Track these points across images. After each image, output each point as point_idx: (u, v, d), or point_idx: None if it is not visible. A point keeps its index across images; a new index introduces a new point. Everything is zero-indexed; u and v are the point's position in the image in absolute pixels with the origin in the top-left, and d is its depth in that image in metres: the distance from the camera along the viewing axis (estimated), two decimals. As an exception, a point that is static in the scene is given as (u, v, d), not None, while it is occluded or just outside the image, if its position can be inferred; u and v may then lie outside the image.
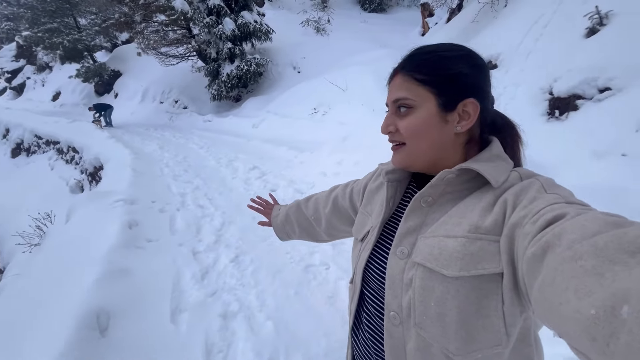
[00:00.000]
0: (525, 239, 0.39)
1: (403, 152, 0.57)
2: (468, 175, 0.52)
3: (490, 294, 0.44)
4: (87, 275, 2.02)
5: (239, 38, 10.34)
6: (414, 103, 0.54)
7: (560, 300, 0.29)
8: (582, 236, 0.31)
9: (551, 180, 0.48)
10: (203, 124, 10.27)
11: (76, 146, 8.80)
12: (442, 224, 0.51)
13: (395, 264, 0.54)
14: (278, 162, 5.27)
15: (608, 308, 0.24)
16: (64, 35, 14.85)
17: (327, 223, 0.87)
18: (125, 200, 3.35)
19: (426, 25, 10.54)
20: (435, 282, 0.47)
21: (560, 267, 0.31)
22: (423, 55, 0.55)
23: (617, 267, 0.26)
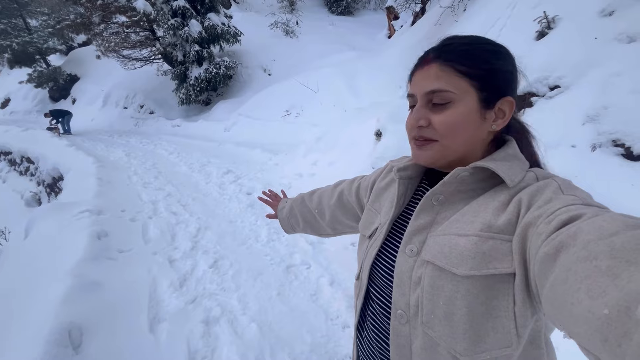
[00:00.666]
0: (538, 238, 0.39)
1: (433, 149, 0.52)
2: (482, 174, 0.50)
3: (501, 294, 0.43)
4: (55, 291, 1.90)
5: (207, 40, 10.11)
6: (454, 96, 0.50)
7: (572, 300, 0.29)
8: (599, 236, 0.31)
9: (569, 181, 0.47)
10: (172, 128, 9.92)
11: (31, 156, 8.18)
12: (454, 222, 0.50)
13: (404, 261, 0.53)
14: (252, 165, 5.21)
15: (622, 308, 0.24)
16: (12, 37, 13.75)
17: (332, 216, 0.86)
18: (91, 210, 3.18)
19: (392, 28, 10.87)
20: (445, 280, 0.46)
21: (573, 267, 0.30)
22: (463, 46, 0.52)
23: (632, 268, 0.26)
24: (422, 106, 0.52)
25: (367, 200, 0.72)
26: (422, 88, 0.52)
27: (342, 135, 4.18)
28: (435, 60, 0.52)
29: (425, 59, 0.54)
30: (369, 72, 6.96)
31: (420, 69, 0.53)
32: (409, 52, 5.84)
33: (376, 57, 7.51)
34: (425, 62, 0.53)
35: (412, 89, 0.55)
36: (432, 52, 0.53)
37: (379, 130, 3.28)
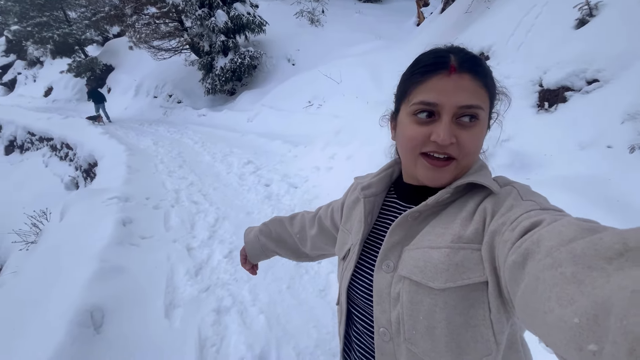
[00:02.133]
0: (505, 246, 0.40)
1: (450, 170, 0.50)
2: (459, 189, 0.51)
3: (476, 303, 0.44)
4: (82, 273, 2.05)
5: (232, 30, 10.21)
6: (483, 115, 0.49)
7: (544, 309, 0.29)
8: (560, 243, 0.32)
9: (527, 187, 0.49)
10: (197, 118, 10.21)
11: (70, 142, 8.74)
12: (426, 234, 0.50)
13: (382, 278, 0.53)
14: (272, 156, 5.27)
15: (591, 317, 0.24)
16: (54, 29, 14.58)
17: (313, 245, 0.83)
18: (119, 197, 3.36)
19: (421, 15, 10.43)
20: (423, 295, 0.47)
21: (541, 275, 0.31)
22: (482, 62, 0.51)
23: (595, 274, 0.27)
24: (451, 120, 0.48)
25: (340, 222, 0.71)
26: (456, 101, 0.47)
27: (362, 129, 4.11)
28: (468, 71, 0.48)
29: (446, 63, 0.48)
30: (394, 63, 6.75)
31: (445, 75, 0.47)
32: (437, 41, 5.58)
33: (402, 46, 7.26)
34: (453, 68, 0.47)
35: (435, 97, 0.48)
36: (457, 59, 0.48)
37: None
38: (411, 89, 0.51)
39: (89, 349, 1.52)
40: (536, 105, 3.00)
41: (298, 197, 3.57)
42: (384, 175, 0.62)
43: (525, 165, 2.46)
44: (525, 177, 2.36)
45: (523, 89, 3.18)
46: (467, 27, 4.88)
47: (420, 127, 0.49)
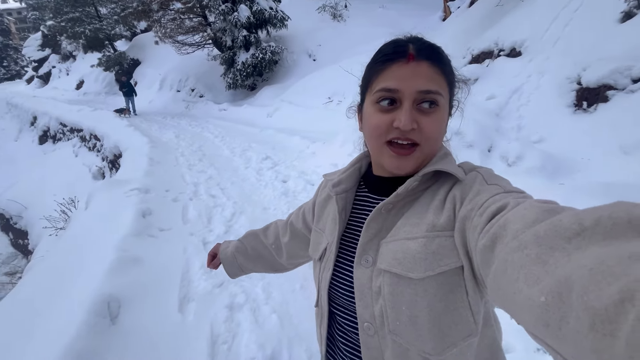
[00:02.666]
0: (474, 231, 0.41)
1: (415, 156, 0.51)
2: (427, 177, 0.53)
3: (455, 287, 0.46)
4: (102, 263, 2.09)
5: (254, 25, 10.25)
6: (442, 101, 0.50)
7: (513, 289, 0.30)
8: (524, 225, 0.33)
9: (490, 170, 0.51)
10: (219, 112, 10.34)
11: (98, 134, 9.08)
12: (401, 226, 0.51)
13: (362, 273, 0.53)
14: (290, 152, 5.25)
15: (555, 294, 0.25)
16: (86, 24, 15.17)
17: (288, 253, 0.82)
18: (140, 189, 3.43)
19: (448, 10, 10.08)
20: (404, 286, 0.48)
21: (509, 258, 0.32)
22: (440, 50, 0.51)
23: (557, 253, 0.28)
24: (412, 106, 0.49)
25: (313, 222, 0.70)
26: (414, 86, 0.48)
27: (382, 126, 4.01)
28: (424, 58, 0.49)
29: (405, 52, 0.49)
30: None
31: (404, 63, 0.49)
32: (463, 37, 5.37)
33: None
34: (412, 56, 0.49)
35: (395, 83, 0.49)
36: (415, 47, 0.49)
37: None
38: (373, 78, 0.53)
39: (104, 340, 1.54)
40: (573, 104, 2.80)
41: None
42: (353, 170, 0.62)
43: (559, 169, 2.30)
44: (559, 181, 2.20)
45: (558, 87, 2.98)
46: (497, 21, 4.64)
47: (383, 115, 0.50)
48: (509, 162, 2.46)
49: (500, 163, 2.52)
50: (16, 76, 31.35)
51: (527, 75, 3.34)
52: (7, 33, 32.45)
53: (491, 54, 4.30)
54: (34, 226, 8.58)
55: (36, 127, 13.71)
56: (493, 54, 4.26)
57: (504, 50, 4.06)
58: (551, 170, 2.28)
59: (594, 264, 0.23)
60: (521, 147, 2.47)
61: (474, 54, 4.65)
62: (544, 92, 3.06)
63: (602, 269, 0.23)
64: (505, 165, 2.49)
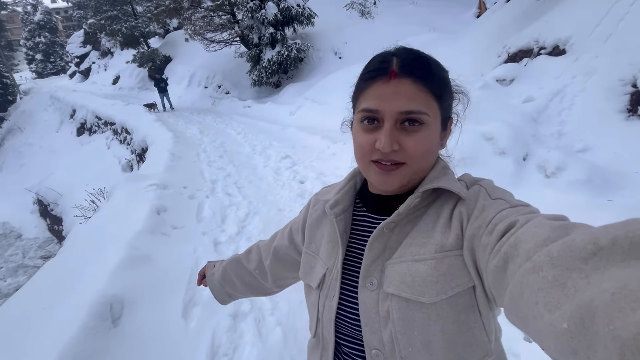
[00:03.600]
0: (485, 250, 0.40)
1: (401, 174, 0.49)
2: (427, 194, 0.50)
3: (467, 308, 0.45)
4: (112, 259, 2.08)
5: (281, 23, 10.22)
6: (427, 119, 0.47)
7: (533, 314, 0.29)
8: (536, 245, 0.32)
9: (491, 182, 0.50)
10: (243, 109, 10.44)
11: (128, 127, 9.44)
12: (407, 246, 0.49)
13: (367, 297, 0.50)
14: (310, 151, 5.14)
15: (578, 321, 0.24)
16: (122, 22, 15.86)
17: (273, 276, 0.77)
18: (158, 185, 3.45)
19: (483, 6, 9.60)
20: (415, 310, 0.45)
21: (524, 280, 0.31)
22: (428, 63, 0.48)
23: (574, 275, 0.27)
24: (393, 127, 0.47)
25: (302, 243, 0.66)
26: (395, 107, 0.46)
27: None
28: (407, 75, 0.46)
29: (388, 68, 0.47)
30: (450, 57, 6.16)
31: (385, 81, 0.47)
32: (498, 34, 5.01)
33: (460, 39, 6.67)
34: (394, 74, 0.46)
35: (375, 104, 0.47)
36: (398, 62, 0.47)
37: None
38: (358, 96, 0.51)
39: (103, 343, 1.50)
40: (626, 109, 2.47)
41: (332, 197, 3.39)
42: (349, 188, 0.60)
43: (608, 183, 2.02)
44: (607, 198, 1.93)
45: (608, 90, 2.65)
46: (538, 17, 4.27)
47: (367, 135, 0.49)
48: (547, 173, 2.20)
49: (536, 174, 2.26)
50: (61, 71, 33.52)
51: (572, 76, 3.01)
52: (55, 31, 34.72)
53: (530, 52, 3.96)
54: (67, 214, 9.06)
55: (75, 119, 14.53)
56: (532, 52, 3.92)
57: (545, 48, 3.72)
58: (599, 183, 2.00)
59: (616, 288, 0.22)
60: (563, 156, 2.19)
61: (511, 52, 4.31)
62: (591, 95, 2.74)
63: (624, 294, 0.21)
64: (542, 176, 2.23)
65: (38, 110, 18.45)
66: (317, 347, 0.60)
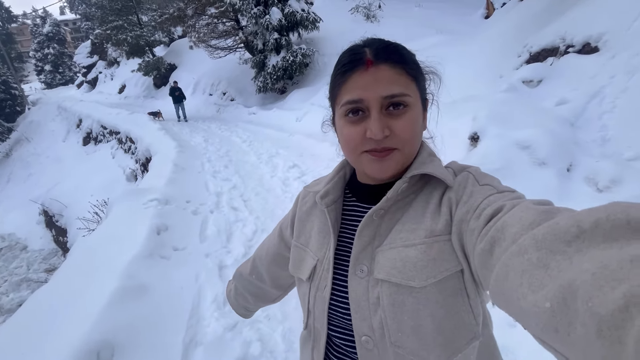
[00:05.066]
0: (472, 234, 0.41)
1: (394, 159, 0.48)
2: (414, 179, 0.50)
3: (455, 291, 0.45)
4: (104, 288, 1.84)
5: (286, 28, 10.08)
6: (411, 100, 0.48)
7: (517, 295, 0.30)
8: (522, 228, 0.33)
9: (478, 169, 0.50)
10: (248, 116, 10.27)
11: (133, 137, 9.32)
12: (397, 232, 0.49)
13: (357, 284, 0.51)
14: (319, 160, 4.90)
15: (560, 300, 0.25)
16: (128, 32, 15.92)
17: (270, 276, 0.76)
18: (159, 199, 3.23)
19: (491, 7, 9.36)
20: (405, 295, 0.46)
21: (510, 262, 0.32)
22: (398, 48, 0.50)
23: (558, 257, 0.27)
24: (381, 113, 0.47)
25: (292, 237, 0.65)
26: (377, 92, 0.47)
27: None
28: (383, 61, 0.47)
29: (362, 59, 0.47)
30: (459, 60, 5.94)
31: (363, 70, 0.47)
32: (515, 33, 4.74)
33: (469, 41, 6.41)
34: (368, 62, 0.47)
35: (358, 94, 0.47)
36: (372, 51, 0.48)
37: (476, 133, 2.57)
38: (337, 91, 0.52)
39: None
40: (681, 112, 2.19)
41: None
42: (338, 179, 0.59)
43: (675, 199, 1.74)
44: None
45: (657, 90, 2.36)
46: (561, 14, 3.99)
47: (354, 127, 0.49)
48: (600, 187, 1.92)
49: (586, 187, 1.98)
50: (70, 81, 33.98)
51: (610, 76, 2.73)
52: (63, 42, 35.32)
53: (556, 51, 3.68)
54: (72, 225, 8.93)
55: (81, 129, 14.54)
56: (558, 51, 3.64)
57: (573, 46, 3.44)
58: (665, 200, 1.73)
59: (596, 268, 0.23)
60: (616, 167, 1.91)
61: (533, 52, 4.03)
62: (635, 95, 2.45)
63: (604, 274, 0.22)
64: (593, 190, 1.94)
65: (45, 120, 18.57)
66: (308, 339, 0.60)
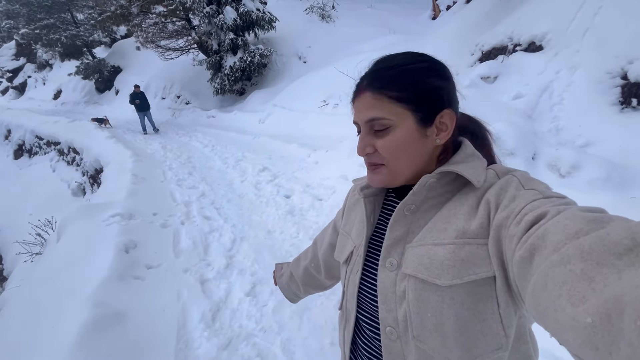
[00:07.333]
0: (511, 241, 0.39)
1: (382, 172, 0.53)
2: (448, 177, 0.50)
3: (485, 297, 0.44)
4: (70, 324, 1.62)
5: (241, 28, 9.79)
6: (391, 122, 0.50)
7: (555, 307, 0.28)
8: (566, 237, 0.31)
9: (527, 174, 0.48)
10: (207, 119, 9.83)
11: (76, 147, 8.45)
12: (428, 230, 0.50)
13: (386, 276, 0.52)
14: (289, 162, 4.82)
15: (604, 316, 0.23)
16: (61, 31, 14.41)
17: (326, 266, 0.80)
18: (122, 215, 2.94)
19: (437, 8, 9.91)
20: (430, 292, 0.46)
21: (550, 272, 0.30)
22: (389, 71, 0.51)
23: (605, 270, 0.26)
24: (366, 133, 0.52)
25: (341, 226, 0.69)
26: (362, 117, 0.52)
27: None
28: (367, 88, 0.51)
29: (360, 87, 0.53)
30: (417, 57, 6.23)
31: (358, 97, 0.53)
32: (468, 32, 5.06)
33: (422, 41, 6.73)
34: (360, 90, 0.53)
35: (355, 117, 0.54)
36: (365, 79, 0.53)
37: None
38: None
39: None
40: (619, 102, 2.48)
41: (325, 211, 3.10)
42: None
43: (626, 179, 1.95)
44: (629, 195, 1.85)
45: (597, 83, 2.66)
46: (507, 15, 4.33)
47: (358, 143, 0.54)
48: (562, 173, 2.11)
49: (549, 174, 2.17)
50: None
51: (556, 71, 3.01)
52: (-21, 43, 30.92)
53: (505, 50, 3.99)
54: (8, 250, 7.85)
55: (10, 140, 12.85)
56: (507, 50, 3.95)
57: (520, 45, 3.75)
58: (618, 181, 1.93)
59: None
60: (575, 154, 2.11)
61: (485, 50, 4.33)
62: (579, 89, 2.73)
63: None
64: (556, 176, 2.13)
65: (-37, 133, 16.13)
66: (342, 319, 0.64)
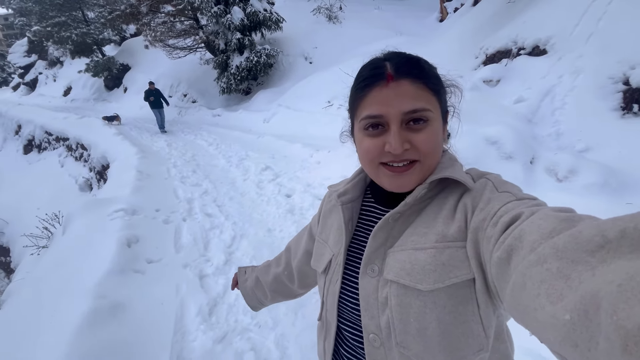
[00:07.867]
0: (489, 242, 0.40)
1: (415, 172, 0.49)
2: (433, 184, 0.50)
3: (465, 300, 0.44)
4: (72, 313, 1.67)
5: (248, 28, 9.87)
6: (432, 115, 0.48)
7: (534, 306, 0.29)
8: (541, 236, 0.32)
9: (499, 177, 0.49)
10: (212, 118, 9.92)
11: (84, 143, 8.60)
12: (408, 235, 0.50)
13: (368, 283, 0.51)
14: (292, 161, 4.86)
15: (581, 312, 0.24)
16: (72, 29, 14.65)
17: (299, 274, 0.79)
18: (125, 210, 3.01)
19: (444, 10, 9.90)
20: (412, 297, 0.46)
21: (528, 272, 0.31)
22: (420, 62, 0.50)
23: (580, 267, 0.26)
24: (401, 128, 0.48)
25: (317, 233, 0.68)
26: (398, 108, 0.47)
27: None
28: (404, 76, 0.47)
29: (383, 73, 0.48)
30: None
31: (384, 86, 0.47)
32: (473, 35, 5.06)
33: (428, 43, 6.74)
34: (389, 77, 0.47)
35: (378, 109, 0.47)
36: (392, 66, 0.48)
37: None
38: (357, 105, 0.52)
39: None
40: (620, 107, 2.47)
41: (325, 211, 3.13)
42: (359, 180, 0.61)
43: (623, 185, 1.95)
44: (625, 200, 1.85)
45: (599, 88, 2.65)
46: (512, 18, 4.33)
47: (373, 140, 0.49)
48: (559, 177, 2.11)
49: (547, 178, 2.17)
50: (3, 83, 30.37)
51: (558, 76, 3.01)
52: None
53: (509, 53, 3.98)
54: (15, 243, 8.03)
55: (21, 135, 13.11)
56: (511, 53, 3.95)
57: (524, 49, 3.74)
58: (616, 186, 1.93)
59: (623, 280, 0.22)
60: (573, 159, 2.11)
61: (489, 54, 4.33)
62: (582, 94, 2.72)
63: (632, 285, 0.21)
64: (554, 180, 2.14)
65: (-25, 127, 16.49)
66: (322, 330, 0.62)
